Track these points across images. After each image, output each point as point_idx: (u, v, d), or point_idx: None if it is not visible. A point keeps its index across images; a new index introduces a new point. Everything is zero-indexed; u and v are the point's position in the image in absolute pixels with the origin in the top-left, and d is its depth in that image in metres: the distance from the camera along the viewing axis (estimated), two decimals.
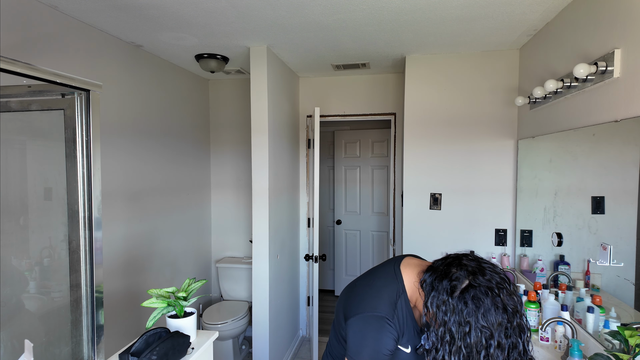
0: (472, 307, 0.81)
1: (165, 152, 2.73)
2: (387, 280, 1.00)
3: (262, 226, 2.54)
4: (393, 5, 1.84)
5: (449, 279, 0.86)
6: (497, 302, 0.81)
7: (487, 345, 0.79)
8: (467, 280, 0.84)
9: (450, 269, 0.88)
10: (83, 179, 1.19)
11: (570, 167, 1.79)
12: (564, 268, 1.85)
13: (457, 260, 0.90)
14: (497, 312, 0.80)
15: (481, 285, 0.83)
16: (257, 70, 2.48)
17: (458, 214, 2.65)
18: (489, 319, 0.80)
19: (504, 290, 0.83)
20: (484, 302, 0.81)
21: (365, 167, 4.41)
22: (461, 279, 0.85)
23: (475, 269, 0.86)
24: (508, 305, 0.81)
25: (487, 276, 0.84)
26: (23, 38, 1.69)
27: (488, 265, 0.88)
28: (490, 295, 0.81)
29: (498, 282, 0.84)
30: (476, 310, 0.80)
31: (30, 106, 1.28)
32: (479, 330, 0.79)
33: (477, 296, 0.81)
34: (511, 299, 0.82)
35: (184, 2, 1.80)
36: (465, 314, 0.81)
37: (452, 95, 2.64)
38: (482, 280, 0.83)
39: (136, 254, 2.43)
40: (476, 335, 0.79)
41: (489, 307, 0.80)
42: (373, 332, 0.93)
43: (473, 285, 0.83)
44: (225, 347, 2.90)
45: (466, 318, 0.81)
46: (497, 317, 0.80)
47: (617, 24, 1.45)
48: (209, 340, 1.44)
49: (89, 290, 1.21)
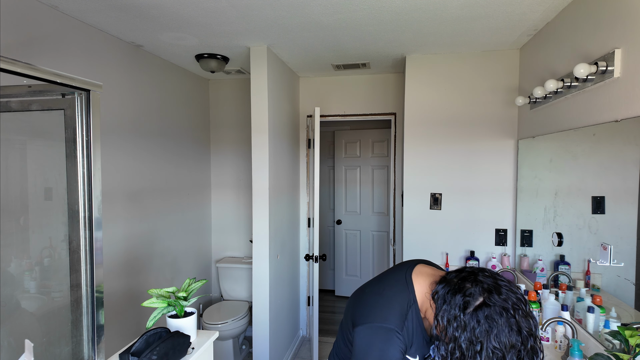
0: (484, 327, 0.79)
1: (165, 152, 2.73)
2: (398, 288, 0.98)
3: (263, 226, 2.54)
4: (393, 5, 1.84)
5: (463, 294, 0.84)
6: (512, 323, 0.78)
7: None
8: (482, 297, 0.82)
9: (464, 283, 0.86)
10: (83, 178, 1.19)
11: (570, 167, 1.79)
12: (564, 268, 1.85)
13: (472, 275, 0.88)
14: (511, 333, 0.78)
15: (496, 305, 0.80)
16: (257, 70, 2.48)
17: (458, 214, 2.65)
18: (502, 340, 0.77)
19: (519, 311, 0.80)
20: (497, 322, 0.78)
21: (366, 167, 4.41)
22: (475, 295, 0.83)
23: (491, 287, 0.83)
24: (523, 327, 0.79)
25: (503, 295, 0.82)
26: (23, 38, 1.69)
27: (504, 283, 0.85)
28: (505, 316, 0.79)
29: (514, 303, 0.81)
30: (489, 330, 0.78)
31: (30, 106, 1.28)
32: (490, 351, 0.77)
33: (491, 316, 0.79)
34: (526, 320, 0.80)
35: (184, 2, 1.80)
36: (477, 333, 0.79)
37: (452, 95, 2.64)
38: (497, 300, 0.81)
39: (136, 254, 2.43)
40: (487, 356, 0.78)
41: (502, 328, 0.78)
42: (380, 344, 0.92)
43: (487, 304, 0.81)
44: (225, 347, 2.90)
45: (478, 337, 0.79)
46: (510, 338, 0.77)
47: (617, 24, 1.45)
48: (209, 340, 1.44)
49: (89, 290, 1.21)
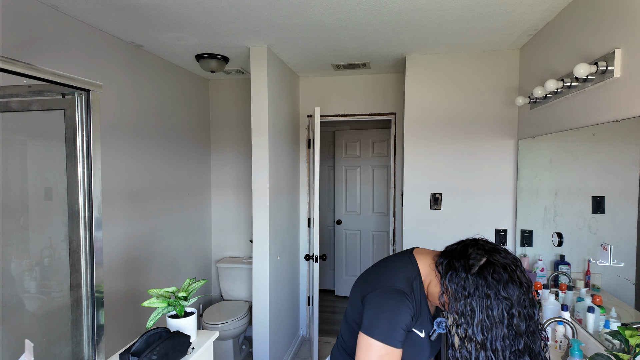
0: (491, 281, 0.85)
1: (165, 152, 2.73)
2: (403, 263, 1.04)
3: (263, 226, 2.54)
4: (393, 5, 1.84)
5: (467, 258, 0.90)
6: (514, 277, 0.86)
7: (509, 315, 0.83)
8: (485, 257, 0.89)
9: (467, 249, 0.93)
10: (83, 178, 1.19)
11: (570, 167, 1.79)
12: (565, 268, 1.85)
13: (473, 241, 0.96)
14: (515, 285, 0.85)
15: (498, 262, 0.88)
16: (257, 70, 2.48)
17: (458, 214, 2.65)
18: (509, 292, 0.84)
19: (518, 268, 0.88)
20: (502, 276, 0.85)
21: (366, 167, 4.41)
22: (478, 257, 0.89)
23: (491, 249, 0.91)
24: (523, 280, 0.86)
25: (502, 254, 0.90)
26: (23, 38, 1.69)
27: (501, 247, 0.93)
28: (508, 271, 0.86)
29: (512, 261, 0.89)
30: (496, 284, 0.85)
31: (30, 106, 1.28)
32: (500, 302, 0.84)
33: (496, 271, 0.86)
34: (524, 275, 0.88)
35: (184, 2, 1.80)
36: (485, 288, 0.85)
37: (452, 95, 2.64)
38: (498, 258, 0.89)
39: (136, 254, 2.43)
40: (498, 307, 0.83)
41: (507, 281, 0.85)
42: (391, 305, 0.94)
43: (491, 262, 0.88)
44: (225, 347, 2.90)
45: (487, 291, 0.85)
46: (514, 290, 0.84)
47: (617, 24, 1.45)
48: (209, 340, 1.44)
49: (89, 290, 1.21)
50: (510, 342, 0.83)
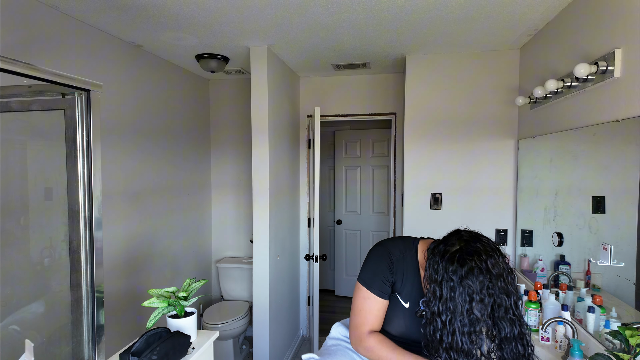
0: (457, 266, 0.92)
1: (165, 152, 2.73)
2: (406, 240, 1.18)
3: (263, 226, 2.53)
4: (393, 5, 1.84)
5: (444, 244, 1.00)
6: (481, 264, 0.91)
7: (470, 300, 0.90)
8: (459, 245, 0.96)
9: (449, 237, 1.02)
10: (83, 179, 1.19)
11: (570, 167, 1.79)
12: (565, 268, 1.85)
13: (456, 231, 1.04)
14: (480, 272, 0.90)
15: (469, 249, 0.94)
16: (257, 70, 2.48)
17: (459, 214, 2.65)
18: (471, 278, 0.90)
19: (493, 256, 0.92)
20: (468, 263, 0.91)
21: (366, 167, 4.41)
22: (454, 244, 0.97)
23: (469, 238, 0.97)
24: (493, 268, 0.91)
25: (478, 244, 0.95)
26: (23, 38, 1.69)
27: (485, 237, 0.99)
28: (476, 258, 0.92)
29: (487, 249, 0.94)
30: (460, 269, 0.91)
31: (30, 106, 1.28)
32: (462, 287, 0.90)
33: (462, 257, 0.93)
34: (497, 264, 0.92)
35: (185, 2, 1.80)
36: (450, 272, 0.93)
37: (452, 95, 2.64)
38: (472, 246, 0.95)
39: (137, 254, 2.43)
40: (459, 291, 0.90)
41: (472, 267, 0.91)
42: (373, 257, 1.15)
43: (462, 249, 0.94)
44: (225, 347, 2.90)
45: (451, 276, 0.92)
46: (479, 277, 0.90)
47: (617, 24, 1.45)
48: (210, 340, 1.44)
49: (90, 290, 1.21)
50: (469, 325, 0.89)
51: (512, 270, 0.95)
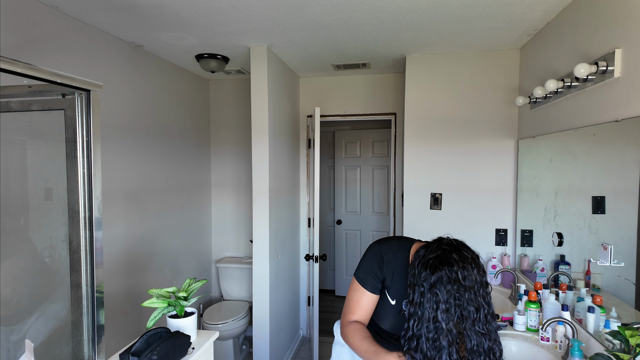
0: (428, 273, 0.95)
1: (165, 152, 2.73)
2: (402, 240, 1.23)
3: (263, 226, 2.54)
4: (393, 5, 1.84)
5: (425, 250, 1.03)
6: (451, 274, 0.93)
7: (436, 307, 0.92)
8: (436, 253, 0.99)
9: (432, 244, 1.05)
10: (83, 179, 1.19)
11: (570, 167, 1.79)
12: (565, 268, 1.85)
13: (440, 238, 1.06)
14: (449, 282, 0.92)
15: (444, 258, 0.96)
16: (257, 70, 2.48)
17: (458, 214, 2.65)
18: (439, 286, 0.93)
19: (467, 268, 0.94)
20: (438, 271, 0.94)
21: (366, 167, 4.41)
22: (434, 251, 1.00)
23: (448, 247, 0.99)
24: (464, 280, 0.93)
25: (455, 254, 0.97)
26: (23, 38, 1.69)
27: (465, 248, 1.01)
28: (447, 267, 0.94)
29: (462, 260, 0.95)
30: (430, 276, 0.95)
31: (30, 106, 1.28)
32: (430, 294, 0.94)
33: (435, 265, 0.95)
34: (470, 276, 0.93)
35: (185, 2, 1.80)
36: (422, 278, 0.97)
37: (452, 95, 2.64)
38: (447, 255, 0.97)
39: (136, 254, 2.43)
40: (427, 297, 0.94)
41: (442, 276, 0.93)
42: (367, 255, 1.23)
43: (438, 257, 0.97)
44: (225, 347, 2.90)
45: (422, 282, 0.96)
46: (447, 286, 0.92)
47: (617, 24, 1.45)
48: (210, 340, 1.44)
49: (90, 290, 1.21)
50: (434, 331, 0.92)
51: (487, 285, 0.96)
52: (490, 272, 2.47)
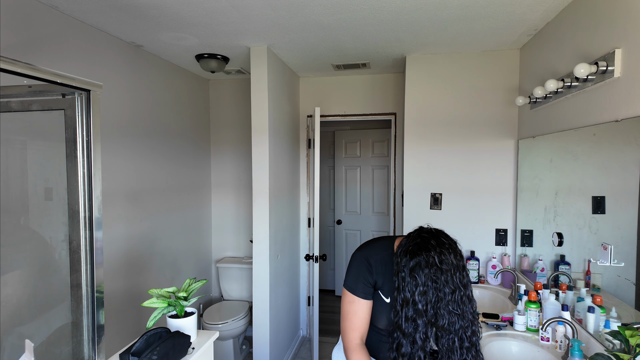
0: (408, 259, 1.02)
1: (165, 152, 2.73)
2: (385, 240, 1.27)
3: (263, 226, 2.53)
4: (393, 5, 1.84)
5: (407, 239, 1.09)
6: (429, 258, 0.99)
7: (415, 290, 1.00)
8: (415, 241, 1.05)
9: (412, 233, 1.11)
10: (83, 179, 1.19)
11: (570, 167, 1.79)
12: (565, 268, 1.85)
13: (420, 228, 1.13)
14: (427, 266, 0.99)
15: (423, 244, 1.02)
16: (257, 70, 2.48)
17: (458, 214, 2.65)
18: (417, 270, 1.00)
19: (443, 252, 1.00)
20: (417, 257, 1.01)
21: (366, 167, 4.41)
22: (414, 239, 1.06)
23: (427, 235, 1.06)
24: (441, 263, 0.99)
25: (432, 240, 1.03)
26: (23, 38, 1.69)
27: (444, 235, 1.07)
28: (424, 253, 1.00)
29: (440, 245, 1.01)
30: (409, 262, 1.02)
31: (30, 106, 1.28)
32: (409, 277, 1.01)
33: (414, 251, 1.02)
34: (447, 260, 1.00)
35: (185, 2, 1.80)
36: (402, 265, 1.04)
37: (452, 95, 2.64)
38: (426, 242, 1.03)
39: (136, 254, 2.43)
40: (407, 281, 1.01)
41: (420, 261, 1.00)
42: (354, 263, 1.24)
43: (417, 244, 1.04)
44: (225, 347, 2.90)
45: (403, 267, 1.03)
46: (424, 270, 0.99)
47: (617, 24, 1.45)
48: (210, 340, 1.44)
49: (90, 290, 1.21)
50: (413, 312, 0.99)
51: (464, 268, 1.03)
52: (490, 272, 2.47)
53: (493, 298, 2.34)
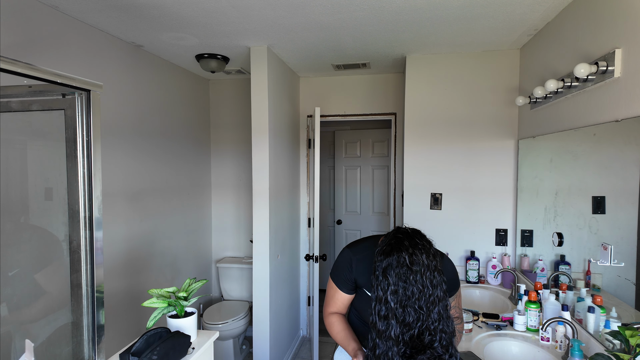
0: (382, 258, 1.06)
1: (165, 152, 2.73)
2: (371, 240, 1.32)
3: (263, 226, 2.53)
4: (393, 5, 1.84)
5: (385, 238, 1.12)
6: (400, 258, 1.02)
7: (386, 289, 1.02)
8: (391, 240, 1.08)
9: (390, 233, 1.14)
10: (84, 179, 1.19)
11: (571, 167, 1.79)
12: (565, 268, 1.85)
13: (397, 228, 1.15)
14: (398, 265, 1.02)
15: (397, 245, 1.05)
16: (257, 70, 2.48)
17: (458, 214, 2.65)
18: (389, 270, 1.03)
19: (415, 253, 1.02)
20: (389, 256, 1.04)
21: (366, 167, 4.41)
22: (389, 240, 1.08)
23: (403, 236, 1.08)
24: (412, 264, 1.01)
25: (406, 241, 1.06)
26: (23, 38, 1.69)
27: (420, 236, 1.09)
28: (396, 253, 1.03)
29: (412, 246, 1.04)
30: (383, 261, 1.05)
31: (30, 106, 1.28)
32: (382, 276, 1.04)
33: (387, 251, 1.05)
34: (419, 261, 1.02)
35: (185, 2, 1.80)
36: (377, 263, 1.07)
37: (452, 95, 2.64)
38: (400, 242, 1.05)
39: (137, 254, 2.43)
40: (380, 279, 1.04)
41: (391, 262, 1.03)
42: (340, 258, 1.32)
43: (391, 244, 1.06)
44: (225, 347, 2.90)
45: (377, 266, 1.06)
46: (396, 269, 1.02)
47: (617, 24, 1.45)
48: (210, 340, 1.44)
49: (90, 290, 1.21)
50: (385, 310, 1.02)
51: (436, 269, 1.04)
52: (490, 272, 2.47)
53: (493, 298, 2.34)
